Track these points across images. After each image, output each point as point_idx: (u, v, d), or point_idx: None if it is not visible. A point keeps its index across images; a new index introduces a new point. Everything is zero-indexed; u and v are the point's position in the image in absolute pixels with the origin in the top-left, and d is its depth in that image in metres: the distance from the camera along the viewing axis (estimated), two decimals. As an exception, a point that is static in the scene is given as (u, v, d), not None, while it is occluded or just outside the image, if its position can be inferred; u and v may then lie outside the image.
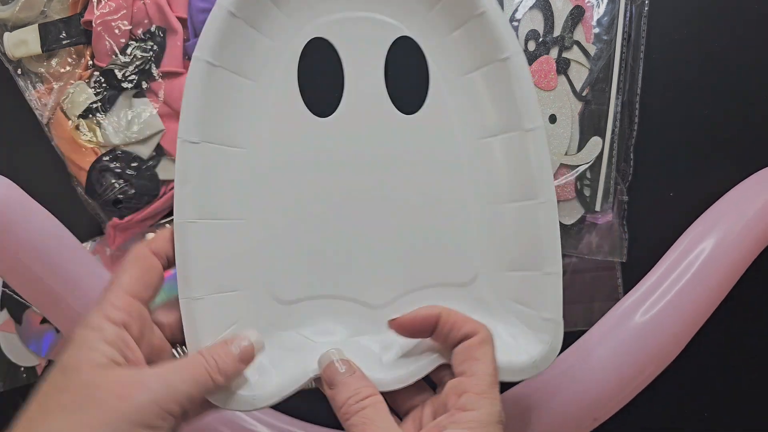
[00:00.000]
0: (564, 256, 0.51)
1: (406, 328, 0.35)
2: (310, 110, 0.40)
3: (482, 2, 0.37)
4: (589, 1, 0.50)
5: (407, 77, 0.40)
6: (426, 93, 0.40)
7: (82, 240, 0.52)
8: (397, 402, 0.36)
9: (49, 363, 0.54)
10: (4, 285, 0.53)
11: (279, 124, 0.39)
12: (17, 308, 0.53)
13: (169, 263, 0.36)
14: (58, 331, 0.53)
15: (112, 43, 0.49)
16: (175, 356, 0.37)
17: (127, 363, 0.31)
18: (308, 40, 0.39)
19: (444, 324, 0.34)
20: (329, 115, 0.40)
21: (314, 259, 0.39)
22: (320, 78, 0.40)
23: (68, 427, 0.29)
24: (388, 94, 0.40)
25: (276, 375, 0.36)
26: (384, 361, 0.37)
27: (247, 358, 0.34)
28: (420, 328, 0.35)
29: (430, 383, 0.37)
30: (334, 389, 0.33)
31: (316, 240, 0.39)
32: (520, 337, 0.37)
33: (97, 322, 0.32)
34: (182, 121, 0.36)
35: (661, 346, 0.45)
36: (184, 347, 0.36)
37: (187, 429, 0.34)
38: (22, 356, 0.53)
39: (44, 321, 0.53)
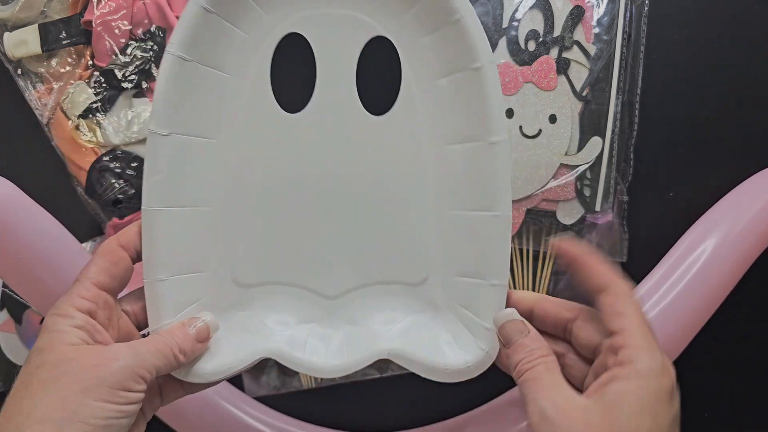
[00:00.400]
0: (564, 256, 0.51)
1: (561, 254, 0.36)
2: (281, 105, 0.40)
3: (459, 9, 0.37)
4: (589, 1, 0.50)
5: (379, 77, 0.40)
6: (396, 95, 0.40)
7: (82, 240, 0.52)
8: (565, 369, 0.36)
9: None
10: (4, 285, 0.53)
11: (249, 117, 0.40)
12: (17, 308, 0.54)
13: (138, 256, 0.37)
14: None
15: (112, 43, 0.49)
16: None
17: (96, 344, 0.34)
18: (283, 35, 0.40)
19: (582, 264, 0.35)
20: (299, 110, 0.40)
21: (275, 247, 0.41)
22: (293, 73, 0.40)
23: (50, 399, 0.31)
24: (359, 93, 0.40)
25: (230, 353, 0.38)
26: (329, 349, 0.39)
27: (203, 337, 0.37)
28: (565, 260, 0.36)
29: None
30: (510, 347, 0.35)
31: (278, 229, 0.41)
32: (461, 341, 0.39)
33: (65, 310, 0.34)
34: (152, 113, 0.37)
35: (662, 347, 0.45)
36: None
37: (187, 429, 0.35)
38: (22, 356, 0.53)
39: (44, 321, 0.53)
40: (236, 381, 0.53)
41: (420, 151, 0.40)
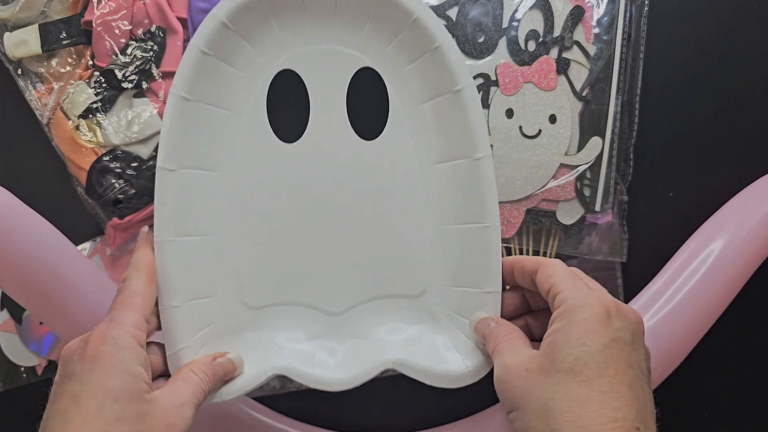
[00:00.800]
0: (564, 256, 0.51)
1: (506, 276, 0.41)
2: (278, 136, 0.43)
3: (437, 37, 0.40)
4: (589, 2, 0.50)
5: (368, 105, 0.43)
6: (385, 120, 0.43)
7: (83, 240, 0.52)
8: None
9: (50, 363, 0.54)
10: None
11: (249, 148, 0.43)
12: (17, 308, 0.54)
13: None
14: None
15: (112, 43, 0.49)
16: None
17: (150, 383, 0.36)
18: (277, 72, 0.43)
19: (516, 268, 0.39)
20: (295, 140, 0.43)
21: (280, 269, 0.43)
22: (288, 106, 0.43)
23: None
24: (350, 120, 0.43)
25: (242, 373, 0.40)
26: (336, 363, 0.41)
27: (229, 375, 0.40)
28: (507, 275, 0.41)
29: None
30: (485, 340, 0.39)
31: (282, 252, 0.43)
32: (460, 348, 0.41)
33: (126, 341, 0.36)
34: (160, 150, 0.40)
35: (666, 352, 0.45)
36: None
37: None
38: (22, 356, 0.53)
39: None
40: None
41: (411, 171, 0.43)
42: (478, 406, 0.52)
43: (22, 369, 0.53)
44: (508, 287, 0.41)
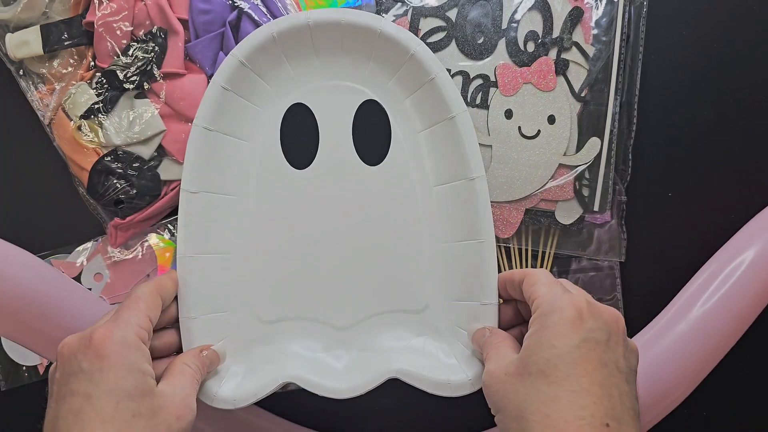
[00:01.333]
0: (563, 255, 0.51)
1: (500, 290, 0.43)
2: (290, 163, 0.47)
3: (433, 69, 0.44)
4: (587, 2, 0.50)
5: (372, 134, 0.47)
6: (388, 147, 0.47)
7: (84, 240, 0.53)
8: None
9: (50, 362, 0.54)
10: None
11: (264, 174, 0.47)
12: None
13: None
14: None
15: (113, 44, 0.49)
16: None
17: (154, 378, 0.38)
18: (289, 105, 0.47)
19: (507, 281, 0.42)
20: (306, 167, 0.47)
21: (291, 286, 0.47)
22: (299, 136, 0.47)
23: None
24: (356, 148, 0.47)
25: (254, 381, 0.43)
26: (342, 372, 0.44)
27: (215, 365, 0.43)
28: (500, 289, 0.43)
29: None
30: (481, 348, 0.41)
31: (293, 271, 0.47)
32: (461, 358, 0.44)
33: (133, 340, 0.37)
34: (184, 175, 0.44)
35: (697, 361, 0.46)
36: None
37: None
38: (23, 355, 0.54)
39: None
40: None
41: (412, 194, 0.46)
42: (485, 424, 0.52)
43: (24, 368, 0.54)
44: (502, 300, 0.43)
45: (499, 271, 0.43)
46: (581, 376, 0.33)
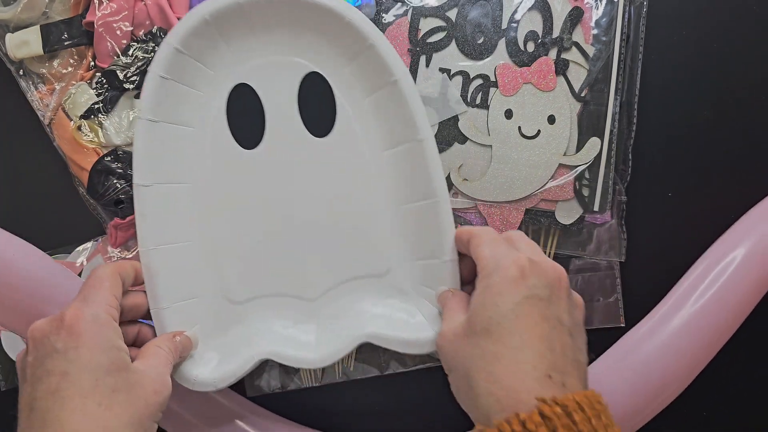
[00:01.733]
0: (563, 255, 0.51)
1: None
2: (240, 144, 0.47)
3: (371, 35, 0.44)
4: (587, 2, 0.50)
5: (318, 106, 0.47)
6: (335, 117, 0.47)
7: (84, 240, 0.53)
8: None
9: None
10: None
11: (215, 158, 0.47)
12: None
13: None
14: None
15: (113, 44, 0.49)
16: None
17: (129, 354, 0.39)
18: (232, 86, 0.47)
19: (456, 239, 0.43)
20: (256, 146, 0.47)
21: (257, 265, 0.47)
22: (245, 116, 0.47)
23: (126, 414, 0.36)
24: (303, 121, 0.47)
25: (231, 362, 0.45)
26: (316, 343, 0.46)
27: (187, 351, 0.44)
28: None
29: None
30: (443, 307, 0.42)
31: (257, 250, 0.47)
32: (428, 316, 0.45)
33: (104, 318, 0.37)
34: (134, 169, 0.44)
35: (690, 359, 0.46)
36: None
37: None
38: (23, 355, 0.54)
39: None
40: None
41: (363, 160, 0.47)
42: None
43: None
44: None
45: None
46: (523, 332, 0.34)
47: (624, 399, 0.45)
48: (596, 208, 0.50)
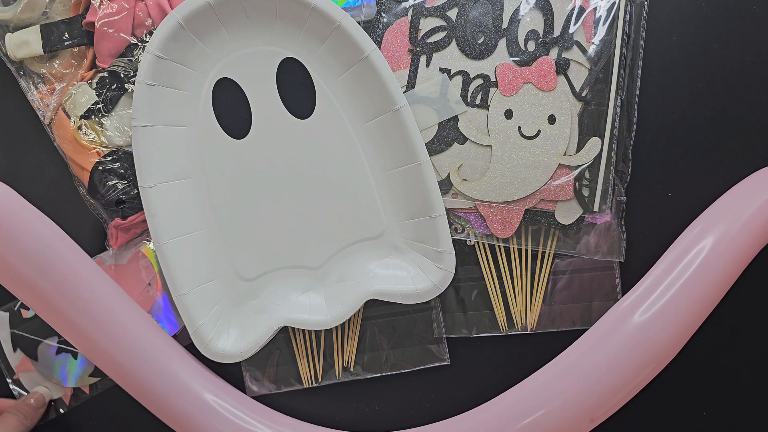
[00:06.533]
0: (562, 255, 0.51)
1: None
2: (230, 135, 0.50)
3: (337, 17, 0.47)
4: (588, 2, 0.50)
5: (298, 89, 0.50)
6: (315, 98, 0.50)
7: (83, 240, 0.53)
8: None
9: (74, 391, 0.54)
10: (12, 326, 0.53)
11: (209, 151, 0.50)
12: (30, 345, 0.53)
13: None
14: (75, 356, 0.53)
15: (114, 44, 0.49)
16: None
17: None
18: (215, 82, 0.50)
19: None
20: (246, 135, 0.50)
21: (263, 243, 0.52)
22: (231, 108, 0.50)
23: None
24: (286, 106, 0.50)
25: (252, 333, 0.50)
26: (326, 306, 0.50)
27: (41, 404, 0.53)
28: None
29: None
30: None
31: (260, 229, 0.51)
32: (424, 267, 0.50)
33: None
34: (137, 172, 0.48)
35: (660, 346, 0.45)
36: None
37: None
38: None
39: (59, 351, 0.53)
40: (236, 382, 0.53)
41: (347, 134, 0.50)
42: (475, 402, 0.52)
43: (52, 403, 0.54)
44: None
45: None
46: None
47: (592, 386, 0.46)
48: (596, 208, 0.50)
